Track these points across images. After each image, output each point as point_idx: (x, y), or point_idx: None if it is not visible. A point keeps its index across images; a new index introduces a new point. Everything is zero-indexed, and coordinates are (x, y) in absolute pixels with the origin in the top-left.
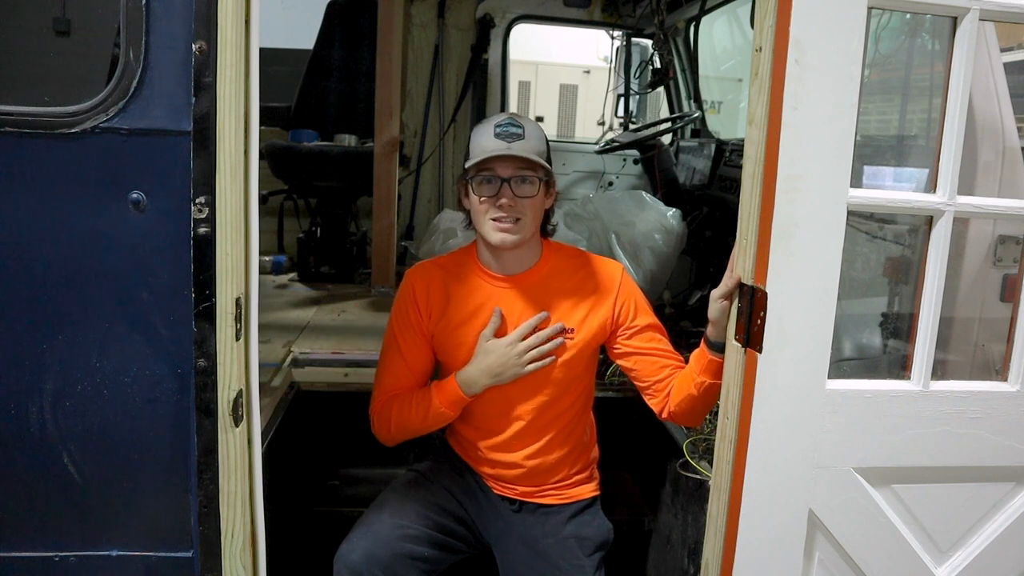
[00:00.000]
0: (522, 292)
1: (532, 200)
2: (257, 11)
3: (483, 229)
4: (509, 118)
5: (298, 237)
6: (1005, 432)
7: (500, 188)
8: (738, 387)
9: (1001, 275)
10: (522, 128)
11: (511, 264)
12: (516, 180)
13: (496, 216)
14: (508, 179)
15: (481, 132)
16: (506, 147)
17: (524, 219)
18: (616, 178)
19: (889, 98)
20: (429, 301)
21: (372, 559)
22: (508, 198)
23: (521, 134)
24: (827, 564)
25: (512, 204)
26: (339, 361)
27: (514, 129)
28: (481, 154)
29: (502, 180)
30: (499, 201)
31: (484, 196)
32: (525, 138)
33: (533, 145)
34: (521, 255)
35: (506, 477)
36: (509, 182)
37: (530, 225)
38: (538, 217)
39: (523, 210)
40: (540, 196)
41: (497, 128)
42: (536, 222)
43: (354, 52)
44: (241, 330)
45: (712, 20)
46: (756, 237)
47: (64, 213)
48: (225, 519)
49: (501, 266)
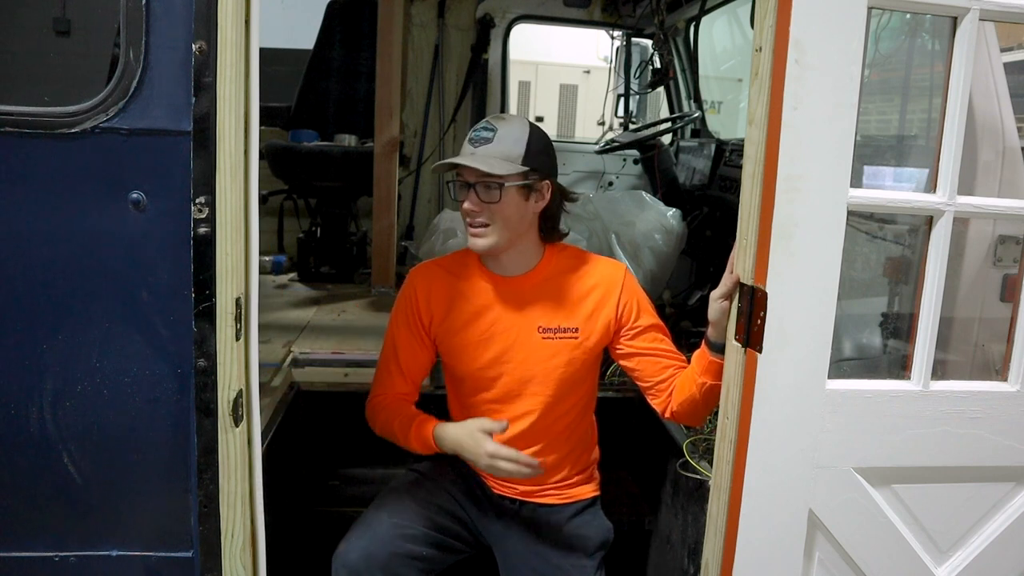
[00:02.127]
0: (524, 293)
1: (497, 206)
2: (257, 11)
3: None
4: (487, 121)
5: (298, 237)
6: (1005, 432)
7: (468, 193)
8: (738, 387)
9: (1001, 275)
10: (494, 132)
11: (511, 265)
12: (480, 186)
13: (469, 220)
14: (474, 184)
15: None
16: (470, 152)
17: (493, 225)
18: (616, 178)
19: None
20: (431, 303)
21: (370, 559)
22: (473, 203)
23: (490, 138)
24: (827, 564)
25: (477, 210)
26: (339, 361)
27: (485, 133)
28: (453, 157)
29: (469, 185)
30: (463, 206)
31: (459, 199)
32: (494, 142)
33: (502, 149)
34: (518, 257)
35: (506, 477)
36: (475, 187)
37: (502, 230)
38: (515, 223)
39: (491, 216)
40: (511, 201)
41: (472, 132)
42: (512, 227)
43: (354, 52)
44: (241, 330)
45: (712, 20)
46: (756, 237)
47: (64, 213)
48: (225, 519)
49: (502, 268)
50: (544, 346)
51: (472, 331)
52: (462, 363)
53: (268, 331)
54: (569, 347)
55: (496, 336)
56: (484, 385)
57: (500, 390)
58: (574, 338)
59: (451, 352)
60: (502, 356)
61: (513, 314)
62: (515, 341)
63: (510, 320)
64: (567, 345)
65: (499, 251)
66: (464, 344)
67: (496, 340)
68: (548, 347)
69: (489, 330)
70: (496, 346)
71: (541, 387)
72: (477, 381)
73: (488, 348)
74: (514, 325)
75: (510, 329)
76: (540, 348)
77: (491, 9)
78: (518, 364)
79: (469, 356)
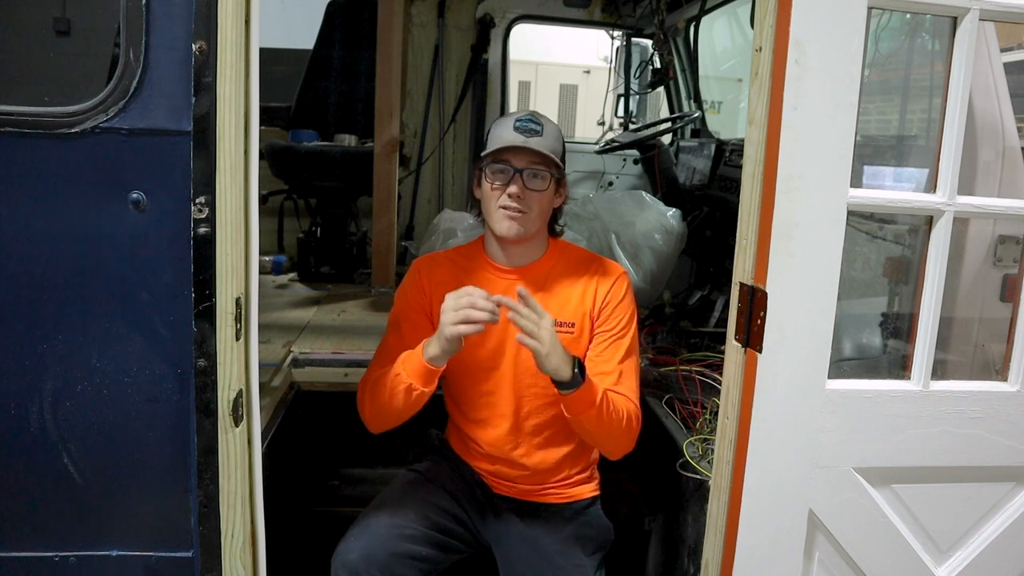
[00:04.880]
0: (526, 284)
1: (541, 195)
2: (257, 11)
3: (491, 217)
4: (530, 115)
5: (298, 237)
6: (1005, 432)
7: (512, 178)
8: (738, 387)
9: (1001, 275)
10: (541, 126)
11: (517, 256)
12: (528, 173)
13: (505, 204)
14: (521, 170)
15: (501, 124)
16: (523, 140)
17: (531, 213)
18: (616, 178)
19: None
20: (436, 289)
21: (369, 559)
22: (519, 188)
23: (540, 131)
24: (827, 564)
25: (521, 195)
26: (339, 361)
27: (533, 125)
28: (499, 143)
29: (515, 170)
30: (509, 190)
31: (496, 184)
32: (543, 135)
33: (550, 143)
34: (526, 249)
35: (506, 476)
36: (522, 173)
37: (536, 220)
38: (545, 213)
39: (531, 203)
40: (550, 193)
41: (517, 122)
42: (543, 218)
43: (354, 52)
44: (241, 330)
45: (712, 20)
46: (756, 237)
47: (64, 213)
48: (225, 519)
49: (507, 258)
50: None
51: None
52: (463, 353)
53: (268, 331)
54: (566, 342)
55: (497, 326)
56: (482, 376)
57: (496, 381)
58: (570, 333)
59: None
60: (501, 347)
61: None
62: (514, 332)
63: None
64: (564, 340)
65: (525, 239)
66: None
67: (496, 330)
68: None
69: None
70: (496, 336)
71: (537, 379)
72: (475, 371)
73: (488, 338)
74: None
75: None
76: None
77: (491, 9)
78: (515, 356)
79: (469, 347)
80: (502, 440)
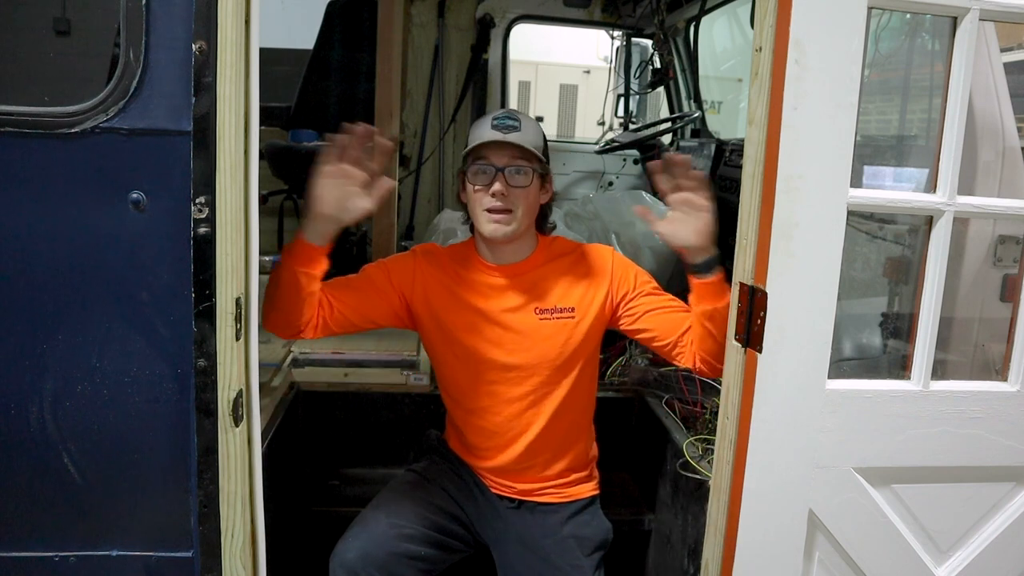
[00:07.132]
0: (517, 281)
1: (526, 191)
2: (257, 11)
3: (478, 221)
4: (507, 112)
5: None
6: (1005, 432)
7: (494, 177)
8: (738, 387)
9: (1001, 275)
10: (519, 121)
11: (506, 255)
12: (510, 170)
13: (490, 207)
14: (502, 168)
15: (480, 124)
16: (502, 136)
17: (516, 211)
18: (616, 178)
19: (889, 98)
20: (423, 280)
21: (368, 558)
22: (502, 186)
23: (517, 127)
24: (827, 564)
25: (505, 193)
26: (339, 361)
27: (511, 122)
28: (477, 141)
29: (496, 169)
30: (492, 189)
31: (479, 185)
32: (521, 131)
33: (529, 138)
34: (515, 247)
35: (505, 475)
36: (503, 171)
37: (523, 219)
38: (531, 211)
39: (516, 202)
40: (534, 189)
41: (495, 120)
42: (530, 216)
43: (354, 52)
44: (241, 330)
45: (712, 20)
46: (756, 237)
47: (64, 213)
48: (225, 519)
49: (496, 257)
50: (542, 326)
51: (469, 315)
52: (459, 346)
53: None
54: (568, 327)
55: (493, 319)
56: (481, 369)
57: (496, 372)
58: (571, 318)
59: (448, 335)
60: (499, 339)
61: (510, 298)
62: (512, 323)
63: (507, 304)
64: (565, 325)
65: (514, 238)
66: (461, 327)
67: (494, 323)
68: (545, 327)
69: (487, 314)
70: (494, 329)
71: (537, 368)
72: (475, 365)
73: (485, 331)
74: (511, 308)
75: (507, 312)
76: (537, 329)
77: (491, 9)
78: (515, 346)
79: (467, 338)
80: (502, 439)
